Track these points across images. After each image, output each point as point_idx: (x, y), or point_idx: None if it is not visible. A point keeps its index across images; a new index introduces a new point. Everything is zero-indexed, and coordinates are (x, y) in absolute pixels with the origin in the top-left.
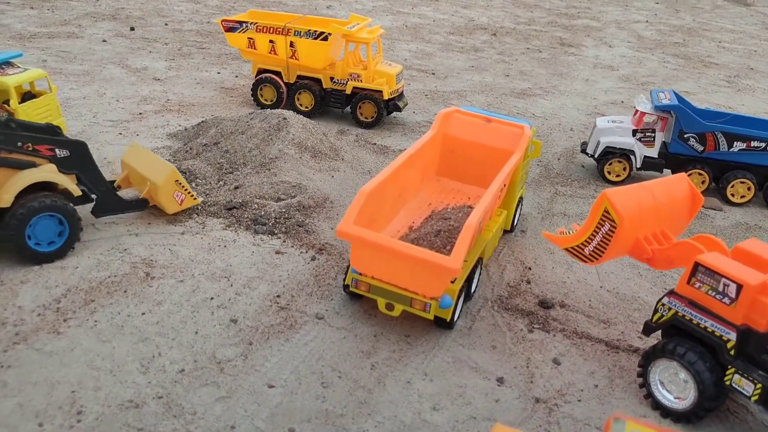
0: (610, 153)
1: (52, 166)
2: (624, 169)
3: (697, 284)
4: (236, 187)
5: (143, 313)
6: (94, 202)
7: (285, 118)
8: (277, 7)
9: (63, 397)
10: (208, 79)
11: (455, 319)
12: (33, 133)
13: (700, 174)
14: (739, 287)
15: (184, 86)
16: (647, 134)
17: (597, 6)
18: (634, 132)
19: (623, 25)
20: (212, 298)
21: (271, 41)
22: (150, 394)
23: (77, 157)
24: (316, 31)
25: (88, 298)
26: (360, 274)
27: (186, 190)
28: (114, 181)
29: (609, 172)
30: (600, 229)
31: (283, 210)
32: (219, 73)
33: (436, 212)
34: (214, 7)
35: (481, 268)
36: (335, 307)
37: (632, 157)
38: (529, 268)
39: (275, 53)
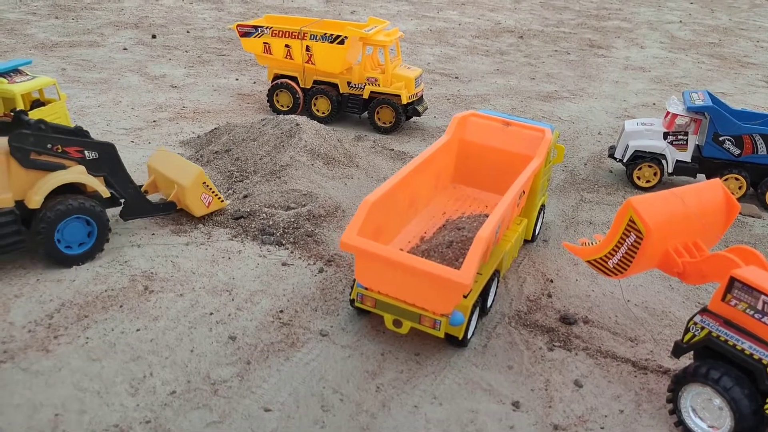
0: (639, 157)
1: (81, 168)
2: (654, 174)
3: (733, 301)
4: (245, 196)
5: (138, 330)
6: (122, 205)
7: (297, 124)
8: (301, 12)
9: (45, 421)
10: (225, 86)
11: (469, 336)
12: (62, 134)
13: (737, 179)
14: None
15: (201, 93)
16: (679, 137)
17: (629, 7)
18: (666, 135)
19: (656, 25)
20: (211, 314)
21: (286, 46)
22: (137, 419)
23: (106, 159)
24: (332, 34)
25: (82, 314)
26: (365, 288)
27: (213, 192)
28: (141, 186)
29: (639, 178)
30: (625, 240)
31: (292, 219)
32: (237, 79)
33: (451, 221)
34: (237, 15)
35: (498, 281)
36: (341, 322)
37: (663, 161)
38: (551, 281)
39: (291, 58)
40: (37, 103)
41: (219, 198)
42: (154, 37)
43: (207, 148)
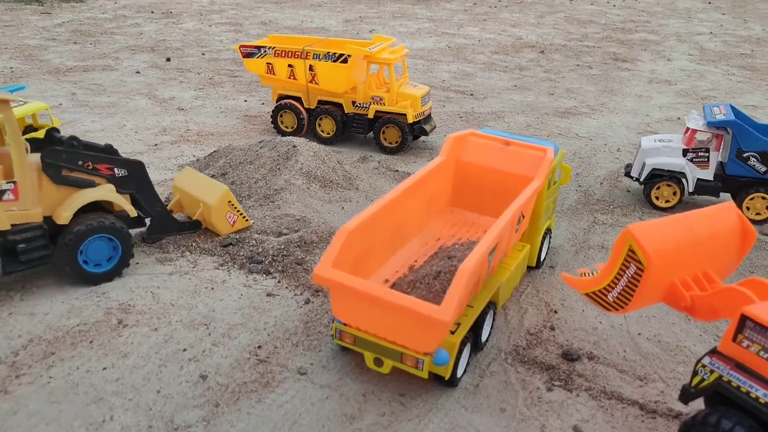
0: (657, 176)
1: (111, 186)
2: (674, 193)
3: (746, 342)
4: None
5: (104, 368)
6: (148, 224)
7: (294, 146)
8: (320, 32)
9: None
10: (233, 108)
11: (459, 375)
12: (93, 151)
13: (763, 198)
14: None
15: (207, 115)
16: (700, 154)
17: (657, 19)
18: (685, 152)
19: (684, 37)
20: (185, 350)
21: (290, 66)
22: None
23: (135, 177)
24: (335, 53)
25: (49, 350)
26: (344, 324)
27: (238, 211)
28: (166, 205)
29: (657, 197)
30: (625, 272)
31: (282, 246)
32: (246, 101)
33: (444, 249)
34: (255, 36)
35: (494, 314)
36: (322, 359)
37: (683, 180)
38: (555, 312)
39: (294, 78)
40: (30, 129)
41: (244, 217)
42: (168, 60)
43: (204, 172)
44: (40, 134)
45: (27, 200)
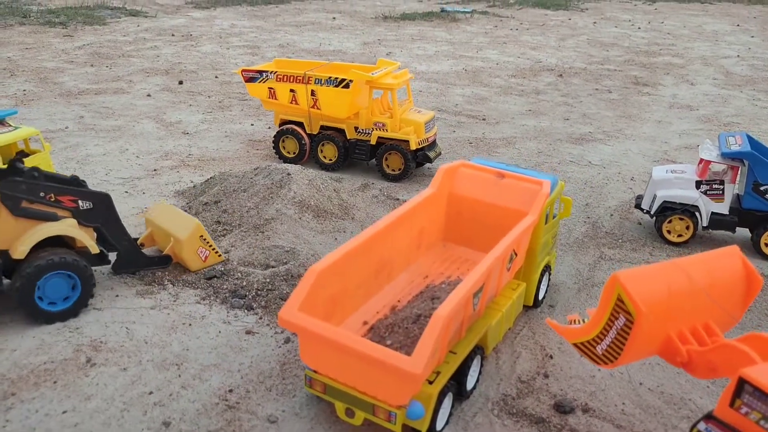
0: (669, 209)
1: (73, 221)
2: (687, 227)
3: (744, 409)
4: (225, 252)
5: (64, 412)
6: (115, 258)
7: (289, 174)
8: (337, 55)
9: None
10: (238, 132)
11: (439, 428)
12: (57, 183)
13: None
14: None
15: (211, 140)
16: (714, 186)
17: (683, 42)
18: (699, 184)
19: (710, 61)
20: (151, 393)
21: (291, 90)
22: None
23: (101, 210)
24: (336, 78)
25: (10, 391)
26: (314, 371)
27: (210, 246)
28: (137, 239)
29: (669, 232)
30: (613, 323)
31: (268, 280)
32: (252, 125)
33: (431, 287)
34: (271, 59)
35: (482, 359)
36: (295, 406)
37: (696, 213)
38: (551, 357)
39: (296, 103)
40: (22, 154)
41: (216, 252)
42: (181, 83)
43: (198, 199)
44: (2, 165)
45: None
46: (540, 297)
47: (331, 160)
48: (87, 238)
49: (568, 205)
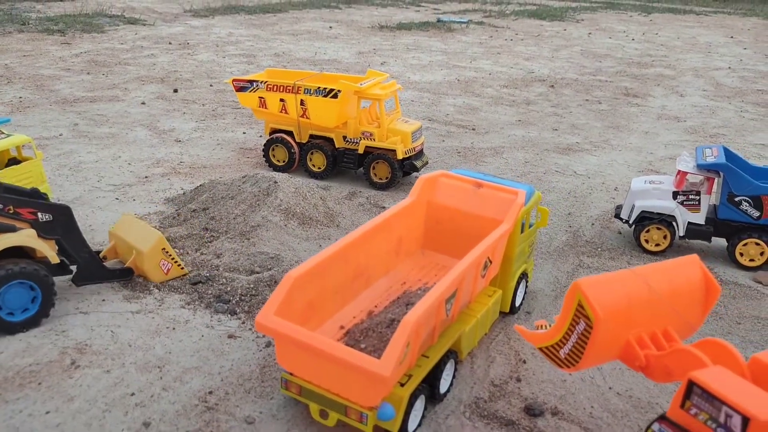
0: (647, 218)
1: (32, 231)
2: (665, 237)
3: (693, 410)
4: (211, 258)
5: (47, 412)
6: (75, 270)
7: (276, 182)
8: (331, 64)
9: None
10: (230, 140)
11: (410, 429)
12: (16, 195)
13: (757, 244)
14: (745, 421)
15: (203, 148)
16: (691, 197)
17: (675, 54)
18: (675, 194)
19: (701, 72)
20: (133, 394)
21: (281, 100)
22: None
23: (60, 222)
24: (325, 88)
25: None
26: (290, 373)
27: (173, 259)
28: (100, 251)
29: (647, 241)
30: (575, 328)
31: (252, 285)
32: (244, 133)
33: (408, 293)
34: (266, 67)
35: (455, 363)
36: (273, 408)
37: (674, 223)
38: (524, 362)
39: (286, 112)
40: (13, 161)
41: (179, 265)
42: (175, 91)
43: (187, 206)
44: None
45: None
46: (517, 304)
47: (319, 168)
48: (47, 248)
49: (545, 215)
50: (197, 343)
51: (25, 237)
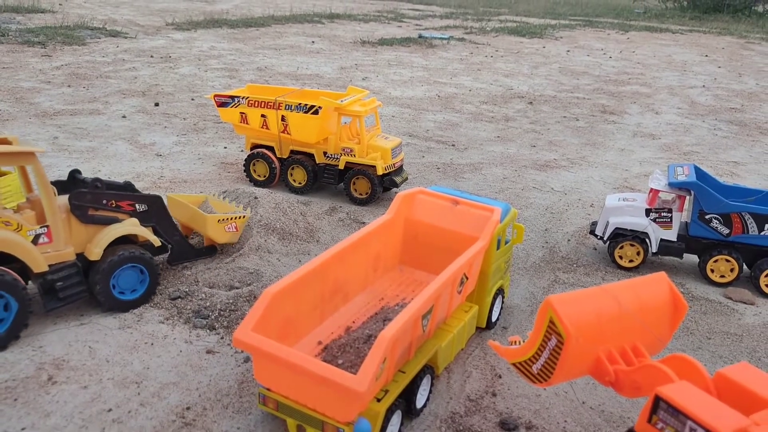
0: (621, 235)
1: (134, 220)
2: (638, 253)
3: (659, 424)
4: (191, 273)
5: (23, 429)
6: (169, 252)
7: (256, 198)
8: (312, 79)
9: None
10: (211, 154)
11: None
12: (115, 190)
13: (727, 261)
14: None
15: (184, 162)
16: (663, 214)
17: (651, 72)
18: (648, 212)
19: (676, 90)
20: (110, 410)
21: (263, 116)
22: None
23: (154, 210)
24: (306, 104)
25: None
26: (267, 389)
27: (230, 218)
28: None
29: (621, 257)
30: (546, 344)
31: (231, 301)
32: (225, 147)
33: (386, 309)
34: (248, 81)
35: (433, 379)
36: (250, 423)
37: (647, 240)
38: (500, 377)
39: (267, 128)
40: None
41: (238, 218)
42: (157, 105)
43: None
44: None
45: (60, 241)
46: (493, 319)
47: (300, 183)
48: (149, 234)
49: (521, 232)
50: (175, 359)
51: (131, 226)
